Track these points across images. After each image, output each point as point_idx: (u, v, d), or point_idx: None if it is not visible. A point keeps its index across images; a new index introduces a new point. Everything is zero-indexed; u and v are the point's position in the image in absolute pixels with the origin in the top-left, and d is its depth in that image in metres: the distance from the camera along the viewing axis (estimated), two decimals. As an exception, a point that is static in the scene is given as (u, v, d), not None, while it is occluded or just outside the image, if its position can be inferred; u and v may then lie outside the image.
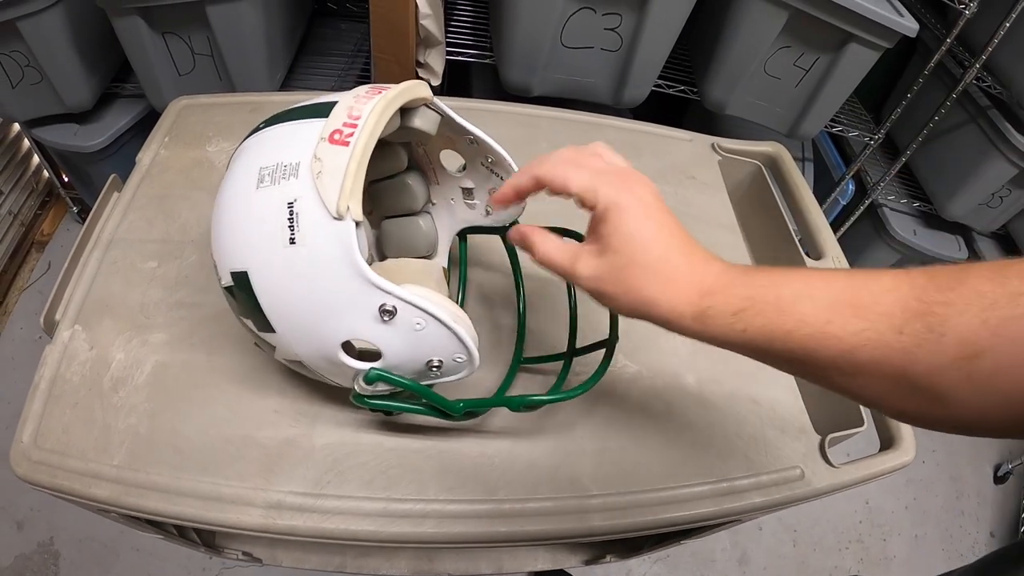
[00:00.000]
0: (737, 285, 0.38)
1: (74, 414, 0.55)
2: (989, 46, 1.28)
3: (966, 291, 0.32)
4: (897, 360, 0.33)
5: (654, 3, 1.06)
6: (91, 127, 1.33)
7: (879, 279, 0.35)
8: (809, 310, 0.35)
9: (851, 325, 0.34)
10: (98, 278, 0.65)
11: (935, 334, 0.32)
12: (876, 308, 0.34)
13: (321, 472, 0.53)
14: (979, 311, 0.31)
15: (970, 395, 0.31)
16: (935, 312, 0.32)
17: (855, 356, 0.34)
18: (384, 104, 0.45)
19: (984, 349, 0.30)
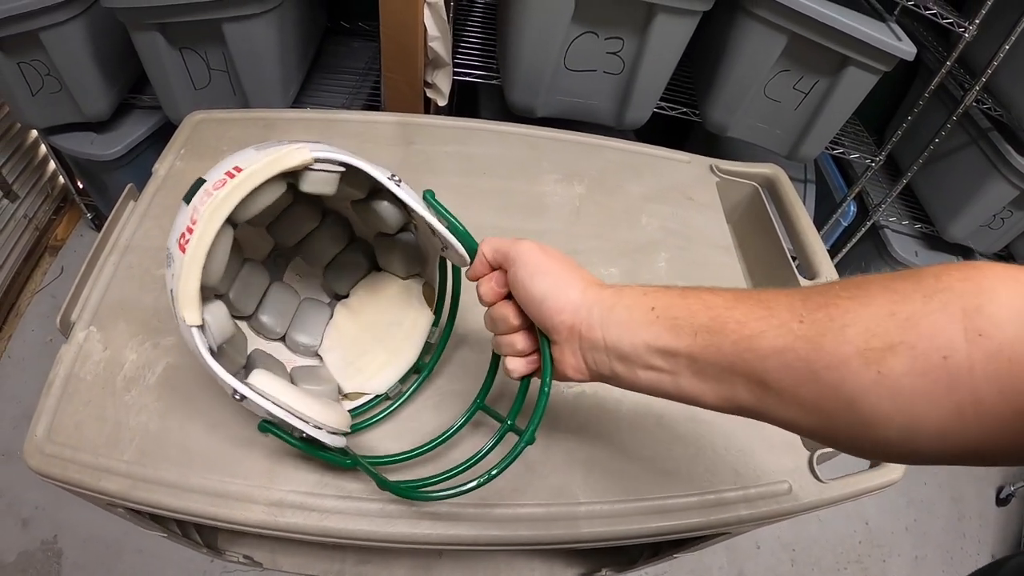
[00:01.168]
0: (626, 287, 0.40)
1: (87, 411, 0.57)
2: (989, 69, 1.29)
3: (872, 288, 0.30)
4: (800, 349, 0.30)
5: (655, 28, 1.08)
6: (108, 136, 1.36)
7: (785, 289, 0.34)
8: (711, 298, 0.36)
9: (754, 312, 0.33)
10: (114, 282, 0.67)
11: (837, 323, 0.29)
12: (778, 300, 0.33)
13: (322, 472, 0.55)
14: (886, 303, 0.28)
15: (884, 398, 0.28)
16: (838, 304, 0.30)
17: (758, 343, 0.32)
18: (212, 209, 0.45)
19: (894, 343, 0.27)
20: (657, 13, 1.05)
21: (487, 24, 1.48)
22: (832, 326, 0.29)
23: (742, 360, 0.33)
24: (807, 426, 0.32)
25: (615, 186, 0.86)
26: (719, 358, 0.34)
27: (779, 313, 0.32)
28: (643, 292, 0.39)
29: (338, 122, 0.87)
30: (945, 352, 0.26)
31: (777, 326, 0.32)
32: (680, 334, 0.36)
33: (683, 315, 0.36)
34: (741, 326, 0.33)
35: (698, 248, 0.81)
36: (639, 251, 0.78)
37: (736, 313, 0.34)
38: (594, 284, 0.41)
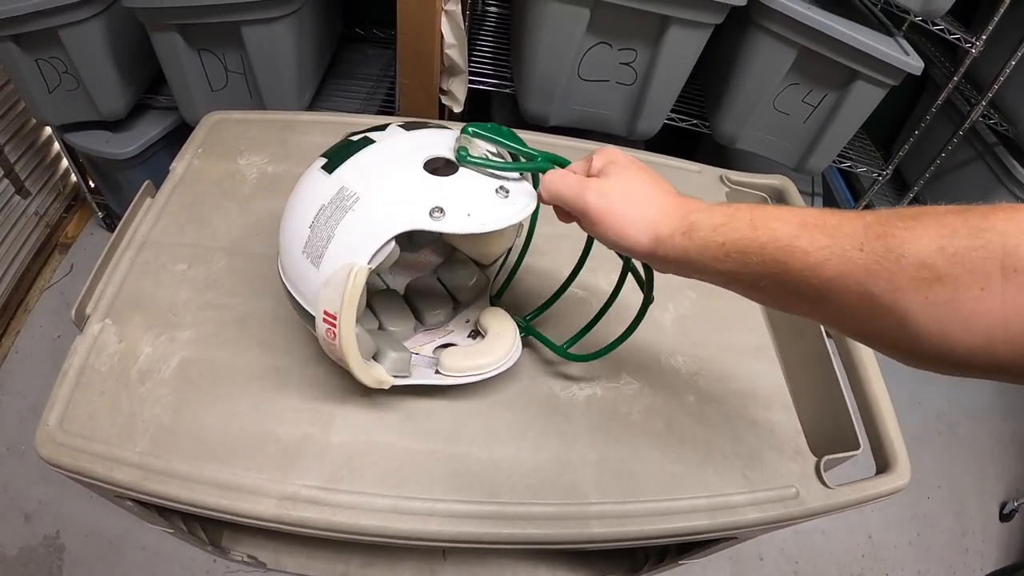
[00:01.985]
0: (715, 207, 0.44)
1: (101, 402, 0.58)
2: (996, 84, 1.30)
3: (928, 220, 0.33)
4: (859, 275, 0.34)
5: (668, 40, 1.10)
6: (123, 135, 1.37)
7: (846, 212, 0.37)
8: (780, 227, 0.39)
9: (817, 241, 0.36)
10: (130, 276, 0.68)
11: (894, 254, 0.33)
12: (841, 228, 0.36)
13: (335, 468, 0.56)
14: (937, 237, 0.32)
15: (930, 319, 0.32)
16: (895, 234, 0.33)
17: (821, 270, 0.36)
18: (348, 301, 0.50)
19: (941, 275, 0.31)
20: (670, 25, 1.07)
21: (500, 33, 1.49)
22: (889, 256, 0.33)
23: (806, 283, 0.37)
24: (853, 331, 0.38)
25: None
26: (783, 282, 0.39)
27: (841, 241, 0.35)
28: (714, 228, 0.42)
29: (354, 126, 0.87)
30: (983, 284, 0.30)
31: (839, 254, 0.35)
32: (749, 266, 0.40)
33: (753, 249, 0.40)
34: (806, 255, 0.37)
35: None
36: (650, 258, 0.79)
37: (802, 242, 0.37)
38: (667, 219, 0.45)
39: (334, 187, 0.52)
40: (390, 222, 0.49)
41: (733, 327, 0.74)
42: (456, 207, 0.50)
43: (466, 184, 0.52)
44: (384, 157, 0.54)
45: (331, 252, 0.50)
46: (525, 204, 0.53)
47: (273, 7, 1.06)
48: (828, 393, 0.70)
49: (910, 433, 1.75)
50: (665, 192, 0.47)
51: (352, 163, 0.53)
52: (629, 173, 0.47)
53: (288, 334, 0.64)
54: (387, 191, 0.51)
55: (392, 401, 0.61)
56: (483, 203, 0.51)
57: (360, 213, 0.50)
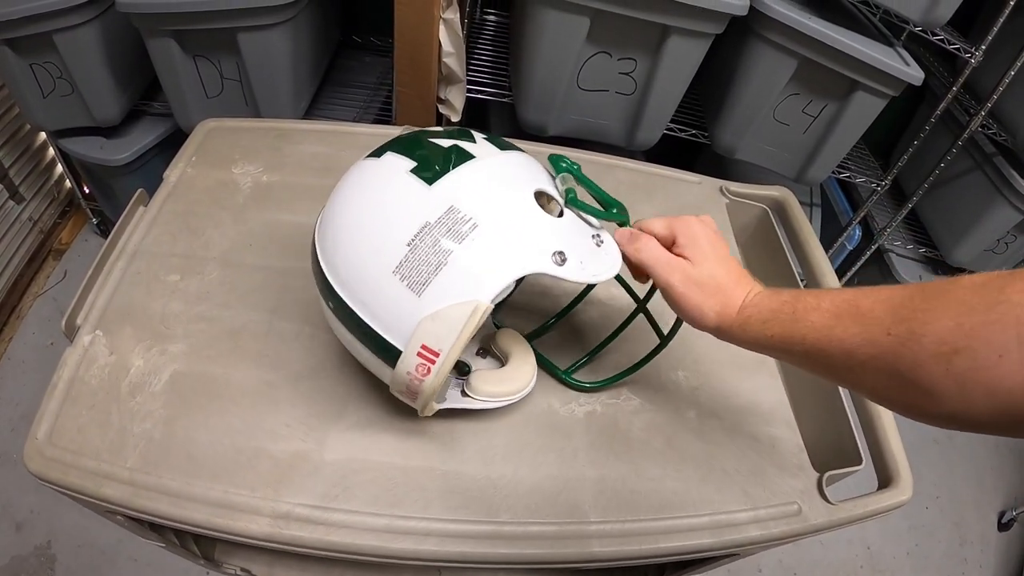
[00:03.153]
0: (767, 300, 0.50)
1: (90, 415, 0.57)
2: (995, 94, 1.30)
3: (948, 299, 0.37)
4: (888, 357, 0.39)
5: (668, 50, 1.09)
6: (117, 142, 1.36)
7: (879, 292, 0.42)
8: (817, 319, 0.44)
9: (850, 329, 0.42)
10: (121, 287, 0.67)
11: (916, 335, 0.37)
12: (872, 315, 0.41)
13: (329, 486, 0.55)
14: (955, 316, 0.36)
15: (953, 388, 0.35)
16: (916, 317, 0.38)
17: (855, 354, 0.41)
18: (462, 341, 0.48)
19: (960, 348, 0.35)
20: (670, 35, 1.06)
21: (498, 41, 1.49)
22: (911, 337, 0.38)
23: (842, 365, 0.43)
24: (887, 401, 0.42)
25: (627, 207, 0.84)
26: (823, 364, 0.45)
27: (871, 328, 0.40)
28: (763, 322, 0.49)
29: (350, 135, 0.87)
30: (1000, 353, 0.33)
31: (870, 340, 0.40)
32: (793, 353, 0.47)
33: (795, 340, 0.46)
34: (841, 342, 0.42)
35: (709, 268, 0.80)
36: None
37: (837, 331, 0.43)
38: (729, 310, 0.51)
39: (441, 204, 0.48)
40: (518, 261, 0.48)
41: (734, 341, 0.73)
42: (571, 254, 0.50)
43: (574, 229, 0.52)
44: (492, 179, 0.51)
45: (442, 281, 0.46)
46: (616, 257, 0.54)
47: (269, 14, 1.06)
48: (830, 407, 0.69)
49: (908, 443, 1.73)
50: (734, 283, 0.52)
51: (456, 179, 0.50)
52: (710, 262, 0.53)
53: (282, 348, 0.63)
54: (509, 224, 0.49)
55: (387, 418, 0.60)
56: (589, 252, 0.52)
57: (481, 243, 0.47)
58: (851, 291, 0.44)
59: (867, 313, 0.41)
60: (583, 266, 0.50)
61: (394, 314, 0.48)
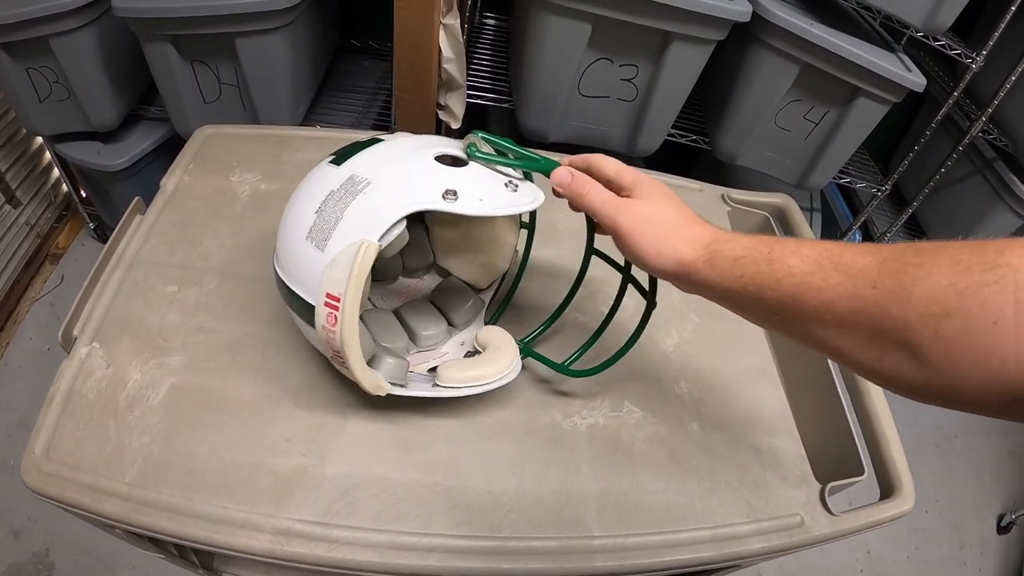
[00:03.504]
0: (737, 239, 0.45)
1: (88, 429, 0.56)
2: (995, 99, 1.30)
3: (941, 256, 0.34)
4: (871, 312, 0.35)
5: (670, 56, 1.09)
6: (114, 147, 1.36)
7: (866, 246, 0.38)
8: (796, 263, 0.40)
9: (831, 278, 0.38)
10: (118, 298, 0.66)
11: (905, 291, 0.34)
12: (855, 265, 0.37)
13: (330, 502, 0.54)
14: (950, 274, 0.32)
15: (940, 353, 0.33)
16: (907, 272, 0.34)
17: (834, 307, 0.37)
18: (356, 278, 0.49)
19: (951, 310, 0.32)
20: (673, 41, 1.06)
21: (498, 45, 1.48)
22: (900, 293, 0.34)
23: (819, 318, 0.39)
24: (865, 369, 0.38)
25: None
26: (798, 316, 0.40)
27: (854, 279, 0.37)
28: (734, 259, 0.43)
29: (348, 141, 0.86)
30: (995, 319, 0.31)
31: (851, 291, 0.37)
32: (765, 300, 0.42)
33: (769, 284, 0.41)
34: (820, 292, 0.38)
35: (711, 277, 0.80)
36: (653, 281, 0.77)
37: (816, 279, 0.38)
38: (691, 246, 0.46)
39: (344, 175, 0.52)
40: (404, 201, 0.50)
41: (736, 351, 0.72)
42: (469, 192, 0.50)
43: (477, 175, 0.53)
44: (395, 151, 0.55)
45: (339, 233, 0.50)
46: (534, 197, 0.54)
47: (268, 19, 1.05)
48: (832, 417, 0.69)
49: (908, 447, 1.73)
50: (692, 221, 0.49)
51: (363, 155, 0.54)
52: (660, 199, 0.49)
53: (281, 361, 0.63)
54: (400, 176, 0.52)
55: (389, 432, 0.59)
56: (495, 191, 0.52)
57: (372, 195, 0.50)
58: (832, 242, 0.41)
59: (851, 263, 0.37)
60: (484, 202, 0.50)
61: (307, 272, 0.52)
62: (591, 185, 0.51)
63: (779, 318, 0.42)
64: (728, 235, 0.46)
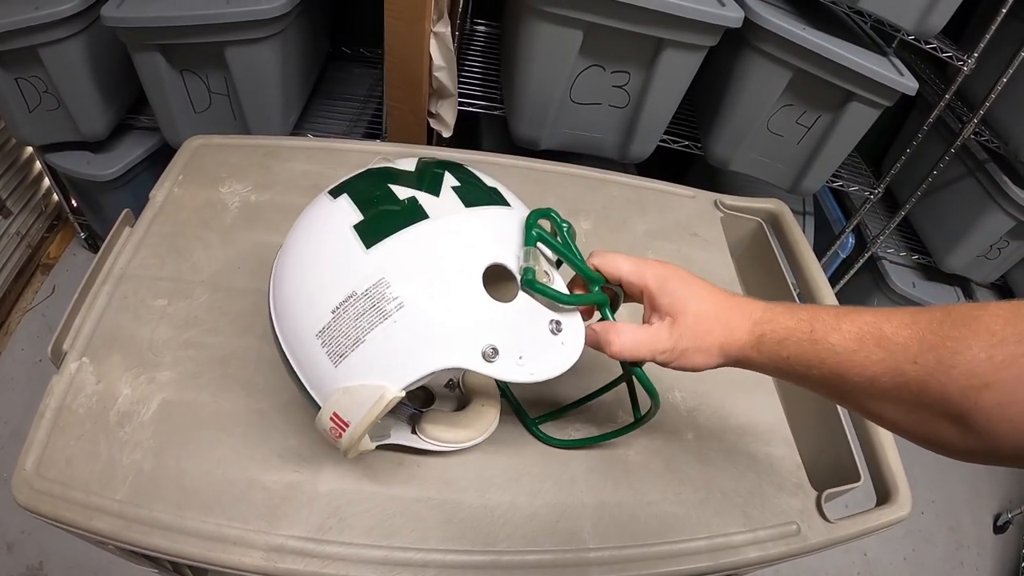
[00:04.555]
0: (782, 317, 0.45)
1: (78, 446, 0.55)
2: (987, 101, 1.31)
3: (978, 328, 0.35)
4: (913, 387, 0.37)
5: (661, 62, 1.09)
6: (104, 156, 1.35)
7: (901, 315, 0.39)
8: (838, 340, 0.41)
9: (873, 354, 0.39)
10: (108, 312, 0.65)
11: (945, 366, 0.35)
12: (895, 339, 0.38)
13: (323, 518, 0.54)
14: (987, 347, 0.34)
15: (980, 423, 0.34)
16: (946, 346, 0.36)
17: (878, 382, 0.39)
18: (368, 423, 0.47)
19: (990, 382, 0.33)
20: (664, 48, 1.06)
21: (489, 52, 1.48)
22: (940, 368, 0.36)
23: (863, 392, 0.40)
24: (907, 433, 0.40)
25: (620, 222, 0.85)
26: (843, 390, 0.42)
27: (896, 355, 0.38)
28: (779, 342, 0.44)
29: (339, 151, 0.86)
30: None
31: (894, 367, 0.38)
32: (810, 377, 0.43)
33: (814, 364, 0.42)
34: (863, 368, 0.39)
35: (704, 285, 0.80)
36: (645, 289, 0.77)
37: (859, 356, 0.40)
38: (734, 336, 0.47)
39: (372, 274, 0.45)
40: (438, 354, 0.45)
41: (731, 359, 0.72)
42: (509, 348, 0.46)
43: (523, 317, 0.47)
44: (438, 251, 0.47)
45: (357, 359, 0.45)
46: (575, 347, 0.49)
47: (257, 28, 1.05)
48: (827, 424, 0.69)
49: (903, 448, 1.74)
50: (727, 307, 0.48)
51: (396, 245, 0.46)
52: (692, 303, 0.48)
53: (272, 376, 0.62)
54: (437, 310, 0.45)
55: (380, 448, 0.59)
56: (536, 345, 0.47)
57: (403, 328, 0.45)
58: (871, 312, 0.41)
59: (891, 338, 0.38)
60: (522, 363, 0.46)
61: (316, 374, 0.48)
62: (620, 332, 0.49)
63: (825, 391, 0.43)
64: (767, 314, 0.46)
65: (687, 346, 0.48)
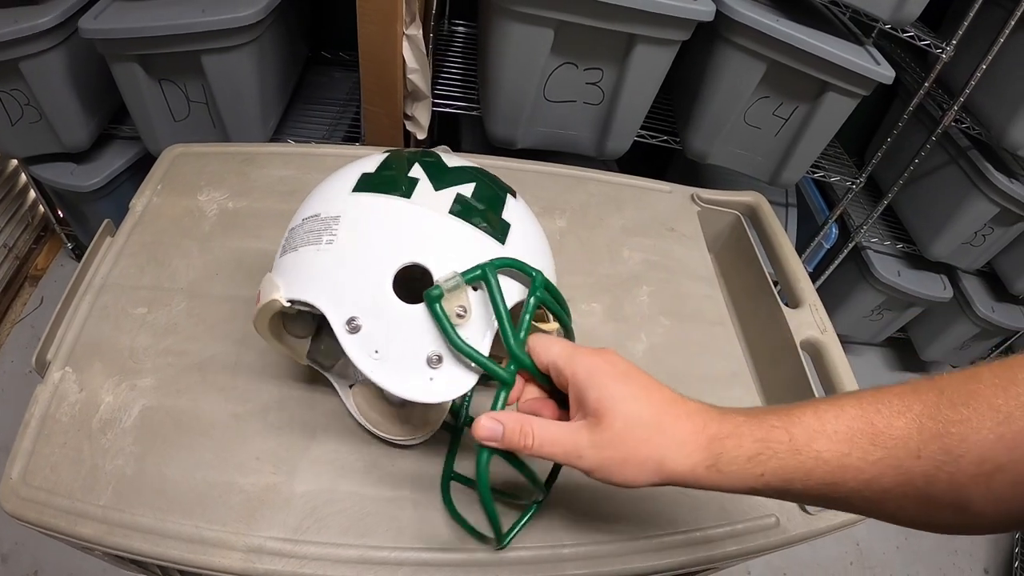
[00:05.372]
0: (746, 428, 0.39)
1: (63, 453, 0.56)
2: (967, 88, 1.31)
3: (980, 406, 0.32)
4: (919, 482, 0.34)
5: (634, 58, 1.09)
6: (88, 167, 1.35)
7: (889, 400, 0.35)
8: (825, 446, 0.36)
9: (870, 455, 0.35)
10: (89, 321, 0.66)
11: (952, 456, 0.32)
12: (891, 433, 0.34)
13: (300, 518, 0.54)
14: (994, 426, 0.32)
15: (992, 505, 0.32)
16: (951, 433, 0.33)
17: (878, 483, 0.35)
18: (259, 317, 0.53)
19: (1002, 464, 0.31)
20: (637, 43, 1.06)
21: (468, 55, 1.48)
22: (948, 458, 0.33)
23: (860, 496, 0.36)
24: (909, 523, 0.36)
25: (597, 219, 0.86)
26: (835, 498, 0.37)
27: (896, 451, 0.34)
28: (749, 458, 0.38)
29: (316, 156, 0.87)
30: None
31: (895, 466, 0.34)
32: (792, 491, 0.38)
33: (798, 477, 0.37)
34: (860, 472, 0.35)
35: (680, 280, 0.80)
36: (620, 286, 0.78)
37: (853, 460, 0.35)
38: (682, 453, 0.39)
39: (337, 210, 0.51)
40: (322, 296, 0.49)
41: (708, 354, 0.73)
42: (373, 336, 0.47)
43: (405, 324, 0.47)
44: (387, 223, 0.49)
45: (287, 260, 0.52)
46: (439, 392, 0.47)
47: (233, 36, 1.05)
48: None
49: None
50: (672, 414, 0.41)
51: (367, 200, 0.51)
52: (620, 404, 0.41)
53: (250, 380, 0.63)
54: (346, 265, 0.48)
55: (355, 447, 0.60)
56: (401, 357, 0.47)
57: (319, 258, 0.49)
58: (853, 403, 0.37)
59: (887, 432, 0.35)
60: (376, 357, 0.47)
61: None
62: (540, 429, 0.43)
63: (810, 500, 0.39)
64: (726, 426, 0.39)
65: (611, 455, 0.40)
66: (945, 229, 1.58)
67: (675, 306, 0.77)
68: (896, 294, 1.70)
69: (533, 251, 0.53)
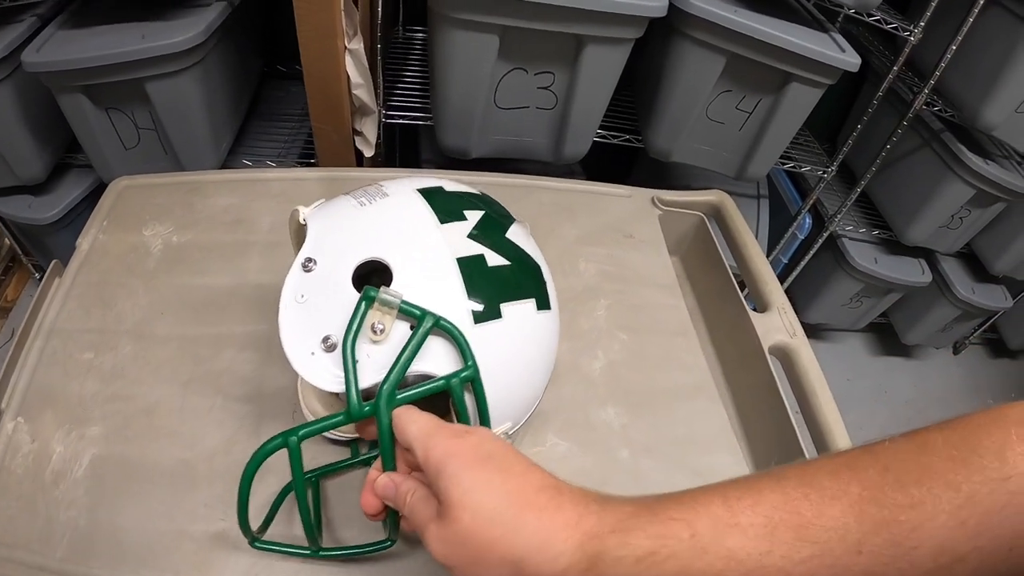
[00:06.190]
0: (635, 522, 0.32)
1: (19, 505, 0.55)
2: (938, 70, 1.30)
3: (935, 485, 0.27)
4: None
5: (585, 60, 1.06)
6: (45, 199, 1.33)
7: (820, 483, 0.29)
8: (738, 543, 0.29)
9: (797, 552, 0.28)
10: (39, 368, 0.65)
11: (903, 549, 0.27)
12: (823, 523, 0.28)
13: (249, 565, 0.53)
14: (954, 510, 0.26)
15: None
16: (899, 520, 0.27)
17: None
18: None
19: (963, 555, 0.26)
20: (586, 44, 1.03)
21: (425, 63, 1.44)
22: (898, 551, 0.27)
23: None
24: None
25: (549, 230, 0.84)
26: None
27: (832, 547, 0.28)
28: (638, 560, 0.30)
29: (263, 182, 0.85)
30: (1011, 545, 0.26)
31: (829, 565, 0.28)
32: None
33: None
34: (784, 575, 0.28)
35: (638, 290, 0.79)
36: (575, 300, 0.76)
37: (774, 559, 0.28)
38: (546, 555, 0.32)
39: (390, 189, 0.55)
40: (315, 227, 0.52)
41: (669, 367, 0.71)
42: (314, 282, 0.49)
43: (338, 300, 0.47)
44: (364, 227, 0.52)
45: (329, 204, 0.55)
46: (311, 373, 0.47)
47: (174, 61, 1.03)
48: (778, 425, 0.67)
49: (881, 424, 1.74)
50: (536, 506, 0.33)
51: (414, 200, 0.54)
52: (467, 496, 0.34)
53: (196, 424, 0.62)
54: (352, 228, 0.52)
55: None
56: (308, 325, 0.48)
57: (348, 208, 0.53)
58: (772, 484, 0.30)
59: (816, 523, 0.28)
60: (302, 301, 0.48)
61: None
62: (408, 494, 0.39)
63: None
64: (608, 517, 0.32)
65: (460, 554, 0.34)
66: (921, 213, 1.56)
67: (634, 319, 0.75)
68: (874, 281, 1.69)
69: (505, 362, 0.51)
